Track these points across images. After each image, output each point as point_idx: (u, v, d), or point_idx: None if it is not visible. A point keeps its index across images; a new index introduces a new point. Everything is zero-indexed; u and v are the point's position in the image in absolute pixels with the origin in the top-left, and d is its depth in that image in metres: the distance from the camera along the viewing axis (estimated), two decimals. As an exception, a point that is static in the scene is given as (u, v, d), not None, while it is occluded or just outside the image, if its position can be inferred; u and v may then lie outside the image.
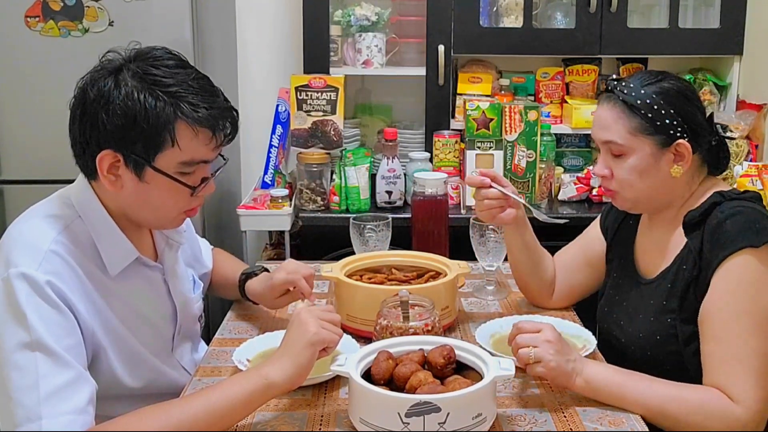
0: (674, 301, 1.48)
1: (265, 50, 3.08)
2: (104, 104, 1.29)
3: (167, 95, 1.30)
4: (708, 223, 1.44)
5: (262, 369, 1.26)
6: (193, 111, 1.31)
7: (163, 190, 1.35)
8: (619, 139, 1.50)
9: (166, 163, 1.33)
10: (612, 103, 1.52)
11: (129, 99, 1.28)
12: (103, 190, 1.38)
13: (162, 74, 1.31)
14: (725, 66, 2.85)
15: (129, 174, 1.33)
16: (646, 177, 1.51)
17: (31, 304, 1.23)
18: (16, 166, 2.49)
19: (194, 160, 1.35)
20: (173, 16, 2.40)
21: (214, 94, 1.36)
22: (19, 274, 1.24)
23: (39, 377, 1.19)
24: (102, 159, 1.32)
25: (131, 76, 1.31)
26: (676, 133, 1.48)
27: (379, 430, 1.17)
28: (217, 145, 1.37)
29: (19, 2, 2.38)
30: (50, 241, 1.30)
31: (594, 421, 1.30)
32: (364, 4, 2.76)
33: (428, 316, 1.46)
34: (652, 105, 1.48)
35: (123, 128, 1.29)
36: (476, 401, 1.19)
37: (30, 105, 2.45)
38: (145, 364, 1.46)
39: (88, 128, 1.32)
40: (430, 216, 2.20)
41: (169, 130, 1.30)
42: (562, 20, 2.82)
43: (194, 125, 1.31)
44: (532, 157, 2.64)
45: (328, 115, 2.61)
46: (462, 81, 2.83)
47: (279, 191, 2.53)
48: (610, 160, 1.54)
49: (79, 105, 1.33)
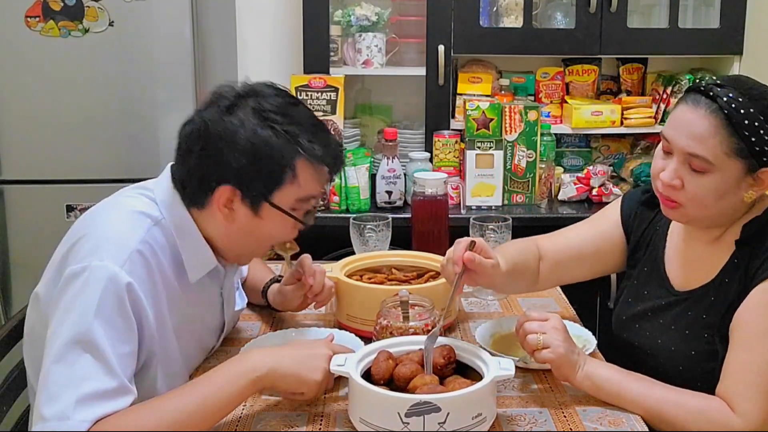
0: (715, 315, 1.41)
1: (265, 50, 3.08)
2: (229, 141, 1.31)
3: (287, 133, 1.33)
4: (763, 241, 1.38)
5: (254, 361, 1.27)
6: (314, 149, 1.35)
7: (276, 224, 1.38)
8: (710, 156, 1.32)
9: (284, 199, 1.36)
10: (710, 112, 1.33)
11: (254, 136, 1.31)
12: (205, 218, 1.38)
13: (279, 111, 1.34)
14: (725, 66, 2.84)
15: (244, 209, 1.35)
16: (721, 199, 1.36)
17: (101, 302, 1.22)
18: (16, 166, 2.49)
19: (309, 195, 1.38)
20: (173, 16, 2.40)
21: (327, 131, 1.41)
22: (103, 267, 1.24)
23: (82, 379, 1.18)
24: (221, 193, 1.33)
25: (252, 114, 1.33)
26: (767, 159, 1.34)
27: (379, 430, 1.17)
28: (328, 180, 1.41)
29: (19, 2, 2.38)
30: (138, 240, 1.30)
31: (594, 421, 1.30)
32: (364, 4, 2.76)
33: (428, 316, 1.46)
34: (758, 129, 1.31)
35: (247, 165, 1.31)
36: (476, 401, 1.19)
37: (30, 105, 2.45)
38: (181, 379, 1.44)
39: (208, 162, 1.33)
40: (430, 216, 2.20)
41: (291, 168, 1.33)
42: (562, 20, 2.83)
43: (315, 162, 1.35)
44: (532, 157, 2.64)
45: (328, 115, 2.61)
46: (462, 81, 2.83)
47: (279, 191, 2.53)
48: (686, 172, 1.36)
49: (199, 139, 1.34)
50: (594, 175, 2.73)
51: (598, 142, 2.99)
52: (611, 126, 2.81)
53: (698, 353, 1.43)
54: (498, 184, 2.64)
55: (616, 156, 2.99)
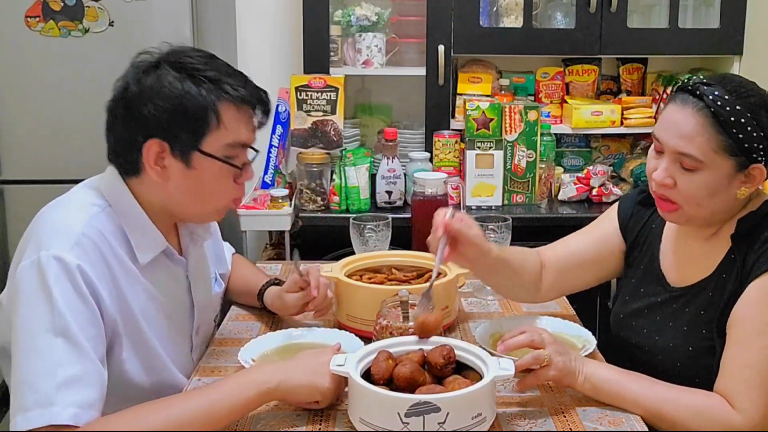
0: (713, 311, 1.41)
1: (265, 50, 3.08)
2: (149, 97, 1.33)
3: (208, 79, 1.35)
4: (757, 234, 1.38)
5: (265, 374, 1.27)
6: (234, 90, 1.36)
7: (211, 174, 1.38)
8: (698, 154, 1.34)
9: (213, 146, 1.36)
10: (697, 110, 1.34)
11: (173, 88, 1.33)
12: (146, 186, 1.39)
13: (197, 63, 1.37)
14: (725, 66, 2.84)
15: (176, 163, 1.36)
16: (714, 196, 1.37)
17: (59, 289, 1.23)
18: (16, 166, 2.49)
19: (237, 141, 1.39)
20: (173, 16, 2.40)
21: (247, 78, 1.42)
22: (50, 256, 1.25)
23: (57, 364, 1.19)
24: (149, 149, 1.34)
25: (170, 68, 1.35)
26: (758, 156, 1.35)
27: (379, 430, 1.17)
28: (255, 126, 1.42)
29: (19, 2, 2.38)
30: (82, 225, 1.32)
31: (594, 421, 1.30)
32: (364, 4, 2.76)
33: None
34: (745, 125, 1.32)
35: (170, 116, 1.33)
36: (476, 401, 1.19)
37: (30, 105, 2.45)
38: (158, 360, 1.45)
39: (131, 123, 1.35)
40: (430, 216, 2.18)
41: (214, 111, 1.34)
42: (562, 20, 2.83)
43: (237, 103, 1.37)
44: (532, 157, 2.64)
45: (328, 115, 2.61)
46: (462, 81, 2.83)
47: (279, 191, 2.53)
48: (677, 171, 1.38)
49: (120, 103, 1.36)
50: (594, 175, 2.73)
51: (598, 142, 2.99)
52: (611, 126, 2.81)
53: (696, 349, 1.43)
54: (498, 184, 2.64)
55: (616, 156, 2.99)
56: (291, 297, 1.65)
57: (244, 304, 1.81)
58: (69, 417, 1.17)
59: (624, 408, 1.33)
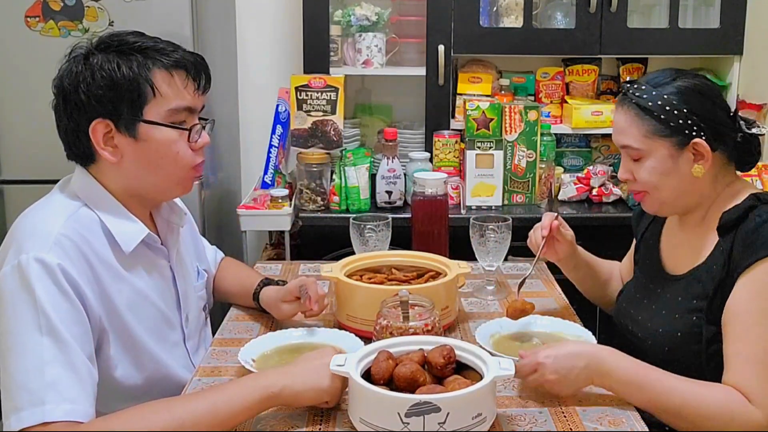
0: (702, 301, 1.47)
1: (265, 50, 3.08)
2: (81, 82, 1.35)
3: (136, 51, 1.37)
4: (743, 226, 1.43)
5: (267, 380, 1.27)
6: (164, 56, 1.38)
7: (161, 143, 1.39)
8: (634, 143, 1.50)
9: (155, 114, 1.38)
10: (626, 107, 1.52)
11: (102, 68, 1.35)
12: (105, 172, 1.41)
13: (126, 39, 1.39)
14: (725, 66, 2.85)
15: (124, 138, 1.37)
16: (667, 178, 1.50)
17: (42, 289, 1.24)
18: (16, 166, 2.49)
19: (179, 106, 1.40)
20: (173, 16, 2.40)
21: (179, 46, 1.43)
22: (30, 258, 1.26)
23: (45, 362, 1.19)
24: (94, 130, 1.36)
25: (99, 52, 1.37)
26: (692, 132, 1.47)
27: (379, 430, 1.17)
28: (196, 88, 1.43)
29: (19, 2, 2.38)
30: (60, 225, 1.32)
31: (594, 421, 1.30)
32: (364, 4, 2.76)
33: (428, 316, 1.46)
34: (664, 106, 1.47)
35: (105, 94, 1.35)
36: (476, 401, 1.19)
37: (30, 105, 2.44)
38: (148, 354, 1.46)
39: (73, 112, 1.37)
40: (430, 216, 2.20)
41: (147, 80, 1.36)
42: (562, 20, 2.83)
43: (168, 69, 1.38)
44: (532, 157, 2.64)
45: (328, 115, 2.61)
46: (462, 81, 2.83)
47: (279, 191, 2.53)
48: (631, 164, 1.54)
49: (59, 98, 1.39)
50: (594, 175, 2.73)
51: (598, 142, 2.99)
52: (611, 126, 2.78)
53: (684, 335, 1.48)
54: (498, 184, 2.64)
55: (616, 156, 2.98)
56: (287, 306, 1.66)
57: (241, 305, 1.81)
58: (62, 413, 1.17)
59: (642, 407, 1.34)
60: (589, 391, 1.39)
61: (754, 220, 1.42)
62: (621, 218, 2.59)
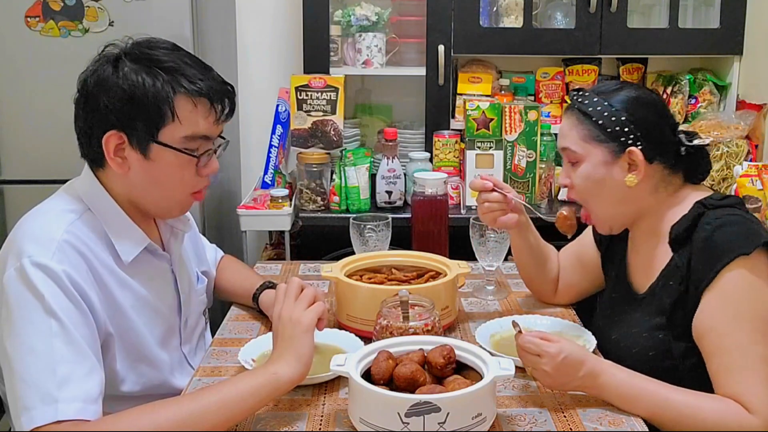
0: (662, 317, 1.47)
1: (265, 50, 3.08)
2: (104, 89, 1.33)
3: (164, 71, 1.34)
4: (695, 238, 1.42)
5: (270, 367, 1.28)
6: (191, 83, 1.35)
7: (169, 165, 1.38)
8: (572, 146, 1.53)
9: (169, 138, 1.36)
10: (569, 112, 1.55)
11: (127, 79, 1.33)
12: (111, 178, 1.40)
13: (158, 54, 1.36)
14: (725, 66, 2.85)
15: (135, 154, 1.36)
16: (601, 186, 1.52)
17: (49, 293, 1.24)
18: (16, 166, 2.49)
19: (196, 134, 1.38)
20: (173, 16, 2.40)
21: (209, 69, 1.40)
22: (33, 262, 1.25)
23: (56, 362, 1.19)
24: (107, 140, 1.35)
25: (129, 61, 1.35)
26: (628, 140, 1.48)
27: (379, 430, 1.17)
28: (217, 119, 1.40)
29: (19, 2, 2.38)
30: (62, 231, 1.32)
31: (594, 421, 1.30)
32: (364, 4, 2.76)
33: (428, 316, 1.46)
34: (603, 112, 1.49)
35: (124, 107, 1.33)
36: (476, 401, 1.19)
37: (30, 105, 2.45)
38: (149, 357, 1.46)
39: (90, 115, 1.36)
40: (430, 216, 2.19)
41: (169, 104, 1.33)
42: (562, 20, 2.82)
43: (193, 97, 1.35)
44: (532, 157, 2.64)
45: (328, 115, 2.61)
46: (462, 81, 2.83)
47: (279, 191, 2.53)
48: (570, 169, 1.56)
49: (81, 96, 1.37)
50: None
51: (598, 142, 2.98)
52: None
53: (656, 353, 1.47)
54: (498, 184, 2.63)
55: (616, 156, 2.99)
56: None
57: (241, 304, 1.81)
58: (75, 411, 1.17)
59: (639, 415, 1.33)
60: (589, 391, 1.39)
61: (704, 229, 1.41)
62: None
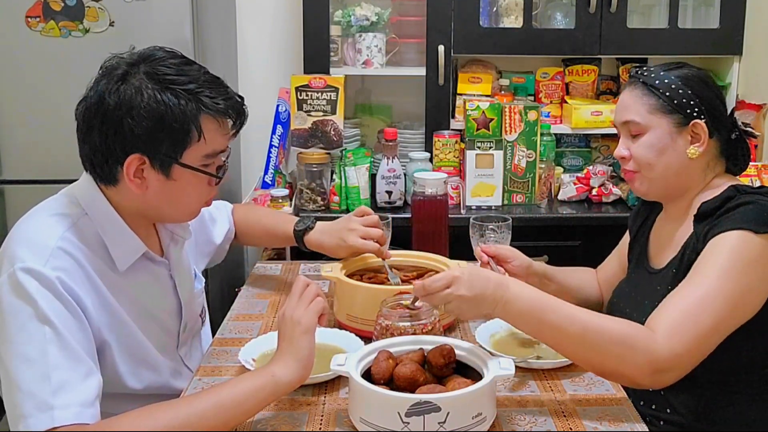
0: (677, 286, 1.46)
1: (265, 50, 3.08)
2: (128, 110, 1.30)
3: (187, 92, 1.33)
4: (719, 213, 1.45)
5: (269, 368, 1.27)
6: (215, 103, 1.35)
7: (189, 183, 1.38)
8: (637, 117, 1.55)
9: (192, 158, 1.36)
10: (633, 86, 1.58)
11: (153, 101, 1.30)
12: (122, 194, 1.38)
13: (174, 73, 1.34)
14: (725, 66, 2.85)
15: (155, 174, 1.35)
16: (663, 156, 1.54)
17: (43, 299, 1.23)
18: (16, 166, 2.49)
19: (216, 151, 1.39)
20: (173, 16, 2.40)
21: (224, 86, 1.40)
22: (26, 269, 1.24)
23: (51, 368, 1.19)
24: (129, 163, 1.33)
25: (147, 79, 1.32)
26: (693, 112, 1.52)
27: (379, 429, 1.18)
28: (232, 134, 1.42)
29: (20, 2, 2.38)
30: (57, 237, 1.31)
31: (594, 421, 1.30)
32: (364, 4, 2.76)
33: (428, 316, 1.46)
34: (670, 85, 1.53)
35: (151, 130, 1.31)
36: (476, 401, 1.19)
37: (30, 105, 2.45)
38: (149, 361, 1.46)
39: (113, 138, 1.32)
40: (430, 216, 2.20)
41: (196, 125, 1.33)
42: (562, 20, 2.83)
43: (217, 116, 1.36)
44: (532, 157, 2.64)
45: (328, 115, 2.61)
46: (462, 81, 2.83)
47: (279, 191, 2.53)
48: (629, 142, 1.58)
49: (97, 114, 1.32)
50: (594, 175, 2.73)
51: (597, 142, 2.99)
52: (611, 126, 2.77)
53: None
54: (498, 184, 2.64)
55: (615, 156, 2.99)
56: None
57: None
58: (71, 416, 1.17)
59: (543, 336, 1.35)
60: (588, 391, 1.40)
61: (729, 207, 1.44)
62: (621, 218, 2.58)
